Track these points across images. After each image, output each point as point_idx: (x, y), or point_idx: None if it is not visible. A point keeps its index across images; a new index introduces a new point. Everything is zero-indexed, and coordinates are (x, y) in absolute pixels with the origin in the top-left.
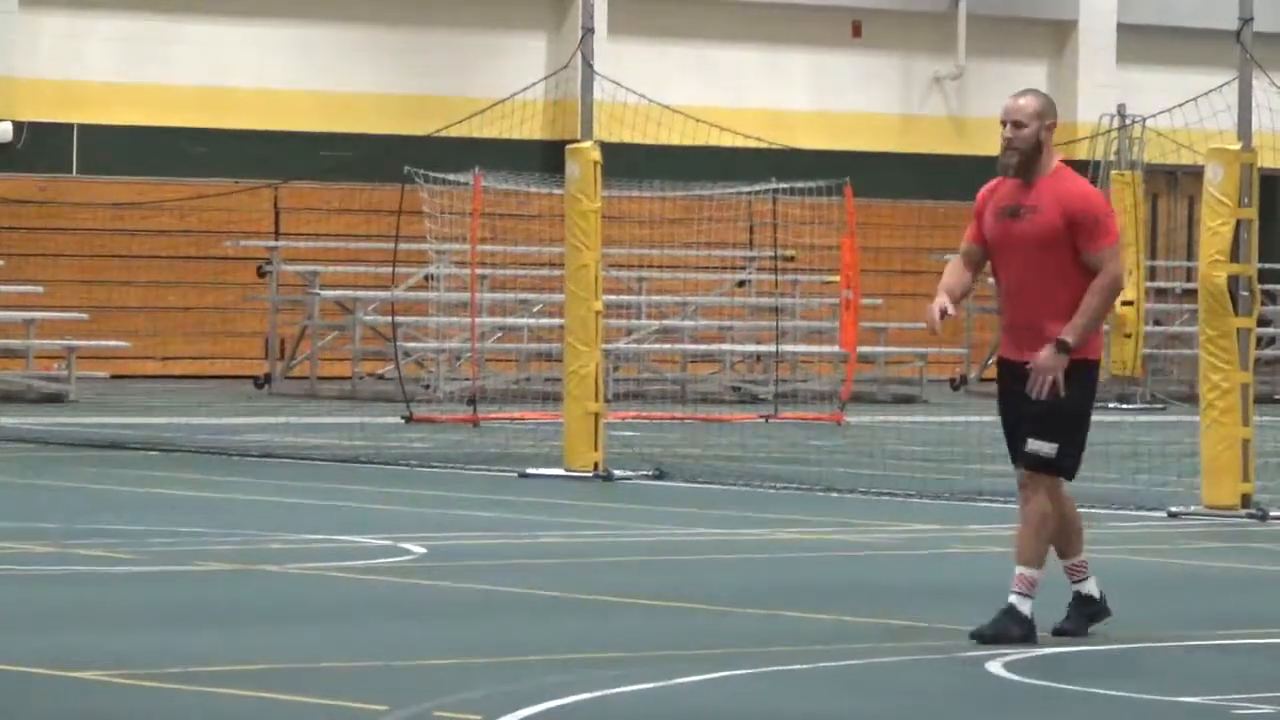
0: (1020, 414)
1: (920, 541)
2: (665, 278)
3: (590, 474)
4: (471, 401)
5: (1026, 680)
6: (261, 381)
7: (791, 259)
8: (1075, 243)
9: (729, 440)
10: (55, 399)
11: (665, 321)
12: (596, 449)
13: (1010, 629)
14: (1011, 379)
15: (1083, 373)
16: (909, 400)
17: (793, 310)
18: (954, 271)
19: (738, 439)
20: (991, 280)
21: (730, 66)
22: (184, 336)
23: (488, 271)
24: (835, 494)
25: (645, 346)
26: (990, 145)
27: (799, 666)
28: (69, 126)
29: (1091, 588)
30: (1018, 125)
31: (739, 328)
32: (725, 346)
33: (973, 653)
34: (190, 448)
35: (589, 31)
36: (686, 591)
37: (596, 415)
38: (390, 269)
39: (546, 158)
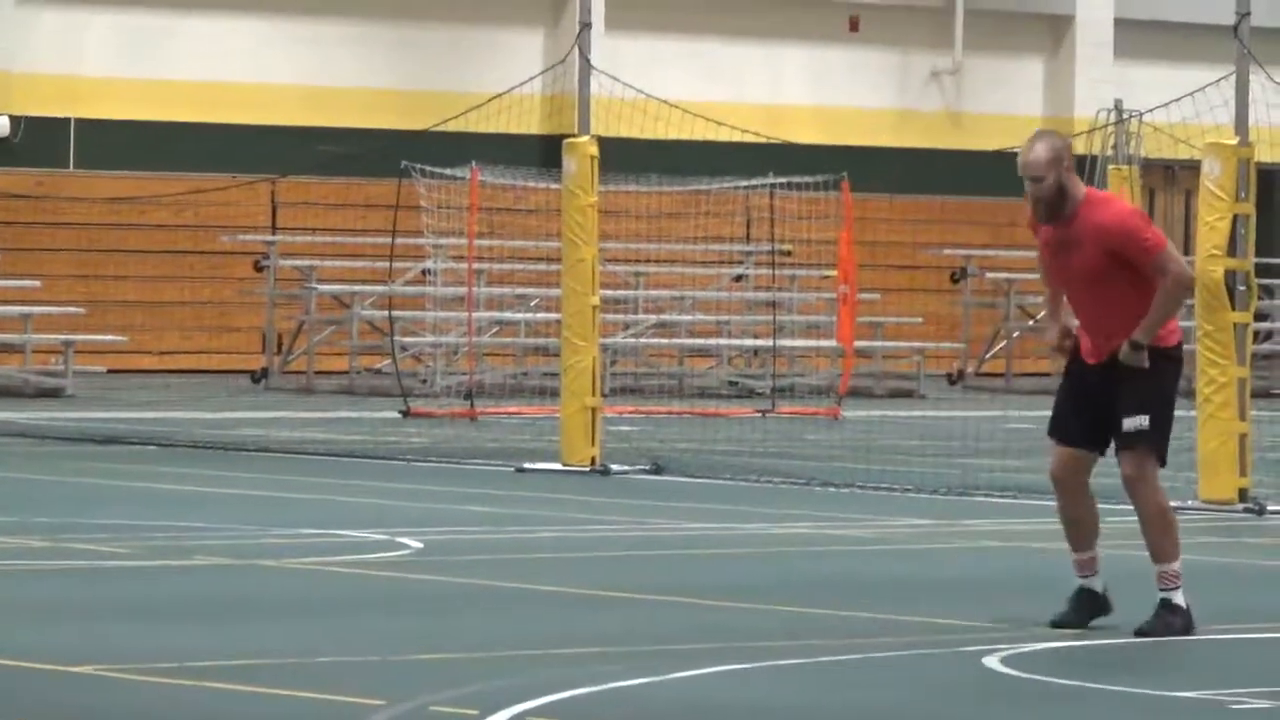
0: (1100, 404)
1: (916, 536)
2: (662, 272)
3: (587, 469)
4: (468, 396)
5: (1024, 675)
6: (258, 376)
7: (788, 254)
8: (1129, 263)
9: (726, 435)
10: (52, 393)
11: (662, 316)
12: (593, 444)
13: (1172, 622)
14: (1081, 379)
15: (1161, 360)
16: (906, 395)
17: (790, 305)
18: (1053, 312)
19: (735, 433)
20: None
21: (727, 61)
22: (181, 331)
23: (485, 266)
24: (832, 488)
25: (642, 341)
26: (987, 140)
27: (795, 661)
28: (66, 121)
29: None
30: (1036, 180)
31: (736, 322)
32: (722, 341)
33: (969, 647)
34: (187, 442)
35: (586, 26)
36: (683, 586)
37: (593, 410)
38: (387, 264)
39: (544, 152)
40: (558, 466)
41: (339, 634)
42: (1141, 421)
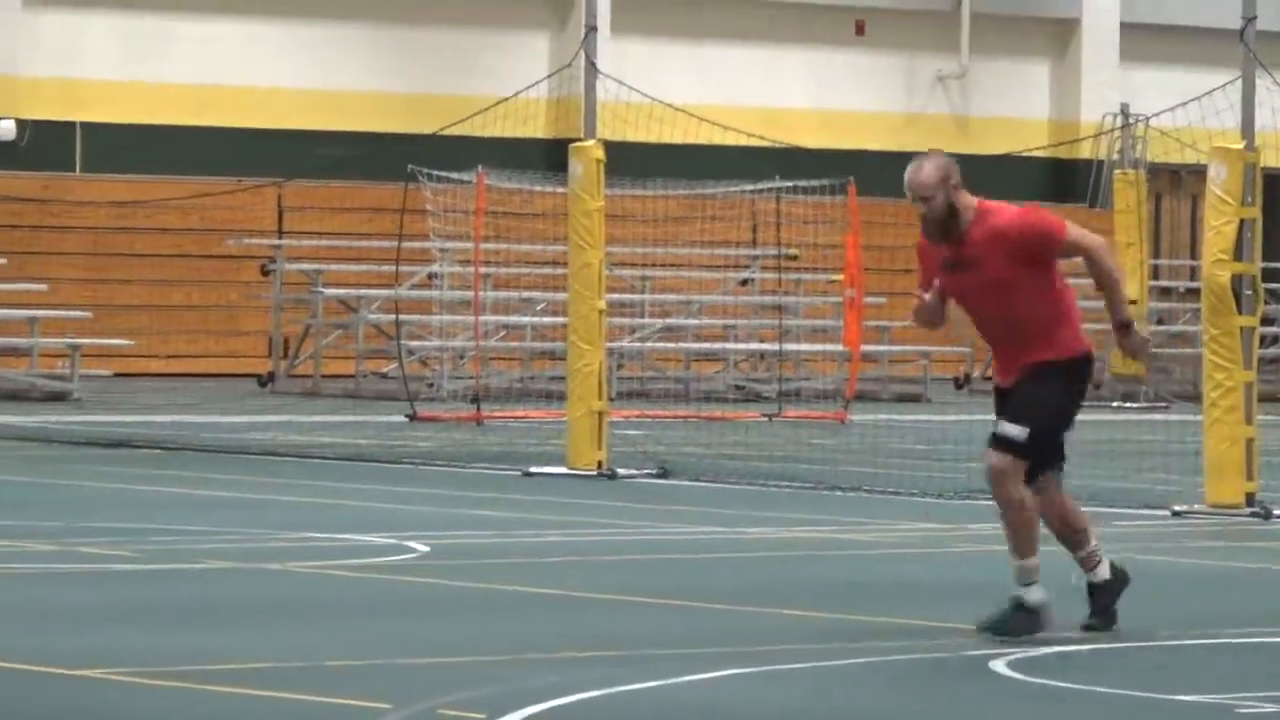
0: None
1: (923, 540)
2: (668, 276)
3: (594, 472)
4: (475, 400)
5: (1030, 679)
6: (265, 380)
7: (795, 257)
8: (1039, 260)
9: (732, 439)
10: (59, 397)
11: (669, 320)
12: (600, 447)
13: (1023, 621)
14: (1002, 399)
15: (1066, 369)
16: (913, 399)
17: (796, 309)
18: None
19: (741, 437)
20: None
21: (734, 65)
22: (187, 335)
23: (491, 270)
24: (838, 492)
25: (649, 345)
26: (993, 144)
27: (801, 665)
28: (72, 125)
29: (1104, 571)
30: (925, 200)
31: (742, 326)
32: (728, 345)
33: (975, 651)
34: (194, 446)
35: (592, 30)
36: (689, 590)
37: (600, 414)
38: (394, 267)
39: (550, 156)
40: (564, 470)
41: (346, 637)
42: (1020, 433)
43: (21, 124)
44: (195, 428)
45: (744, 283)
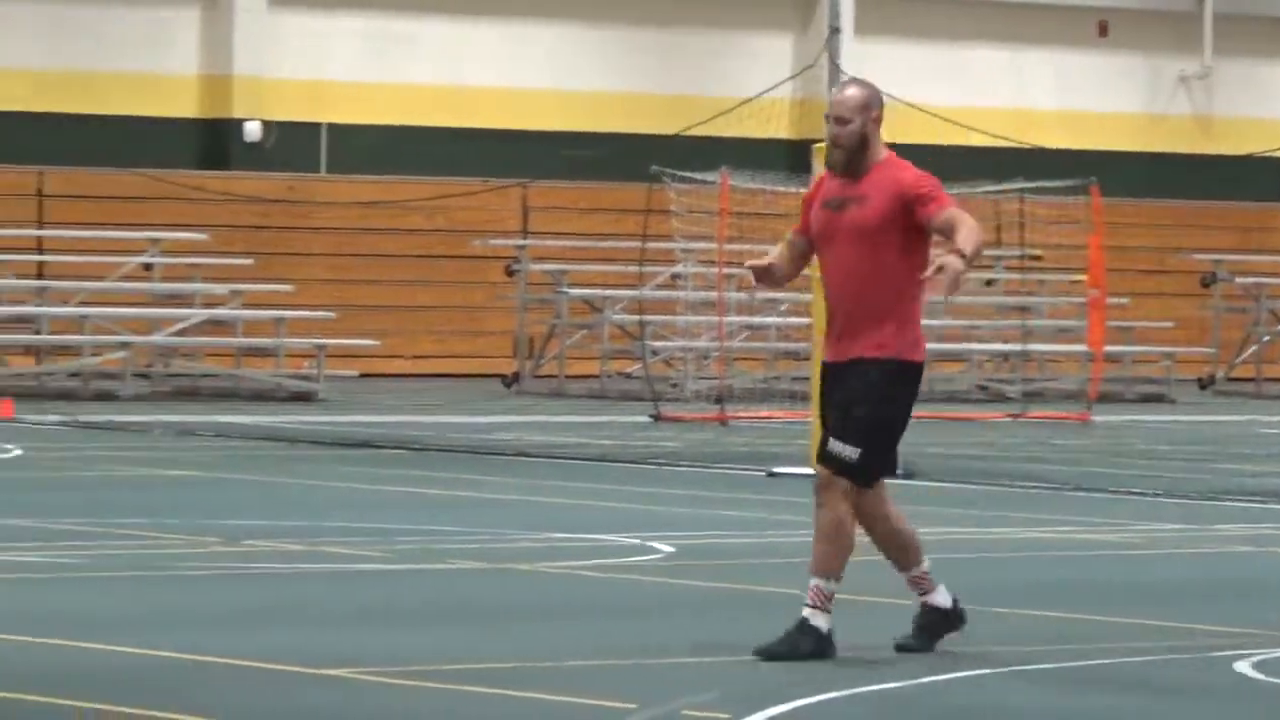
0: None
1: (1167, 541)
2: None
3: None
4: (719, 400)
5: (1276, 680)
6: (510, 380)
7: (1038, 258)
8: (913, 218)
9: (976, 439)
10: (304, 397)
11: None
12: None
13: (800, 643)
14: (828, 382)
15: (900, 376)
16: (1156, 399)
17: (1040, 309)
18: (779, 254)
19: (984, 438)
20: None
21: (976, 66)
22: (432, 335)
23: (735, 270)
24: (1081, 493)
25: None
26: (1236, 145)
27: (1041, 666)
28: (317, 126)
29: (941, 598)
30: (841, 121)
31: (985, 326)
32: (972, 345)
33: (1219, 652)
34: (439, 446)
35: (835, 31)
36: None
37: None
38: (637, 268)
39: (792, 157)
40: (808, 471)
41: (590, 638)
42: (850, 454)
43: (267, 125)
44: (440, 428)
45: (988, 283)
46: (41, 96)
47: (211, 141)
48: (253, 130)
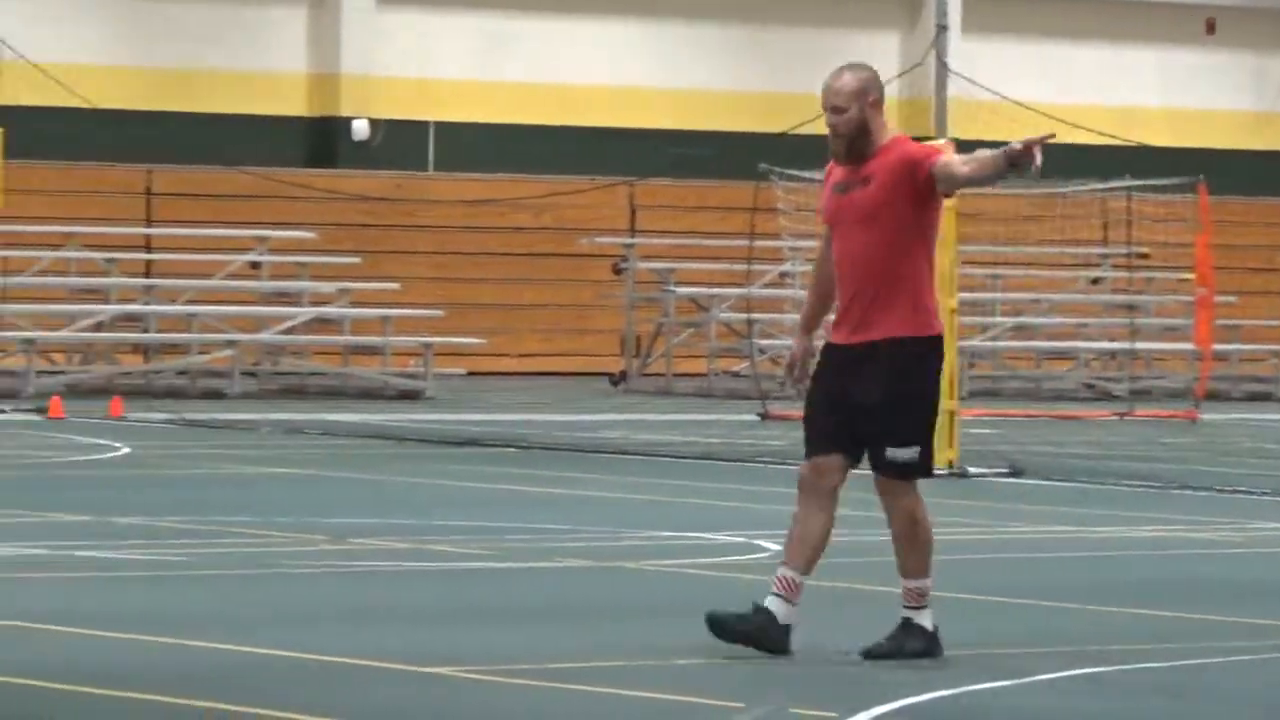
0: (855, 405)
1: (1273, 540)
2: (1019, 275)
3: (945, 471)
4: None
5: None
6: (617, 379)
7: (1146, 256)
8: (917, 183)
9: (1083, 437)
10: (412, 396)
11: (1020, 319)
12: (951, 446)
13: (905, 643)
14: (838, 363)
15: (926, 354)
16: (1264, 398)
17: (1147, 307)
18: (812, 290)
19: (1092, 436)
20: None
21: (1082, 63)
22: (539, 333)
23: None
24: (1189, 492)
25: (1000, 344)
26: None
27: (1149, 665)
28: (424, 124)
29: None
30: (838, 110)
31: (1093, 325)
32: (1079, 344)
33: None
34: (546, 445)
35: (943, 29)
36: (1038, 589)
37: (951, 413)
38: (745, 266)
39: None
40: None
41: (697, 636)
42: (911, 454)
43: (375, 123)
44: (547, 426)
45: (1095, 281)
46: (150, 95)
47: (319, 140)
48: (360, 128)
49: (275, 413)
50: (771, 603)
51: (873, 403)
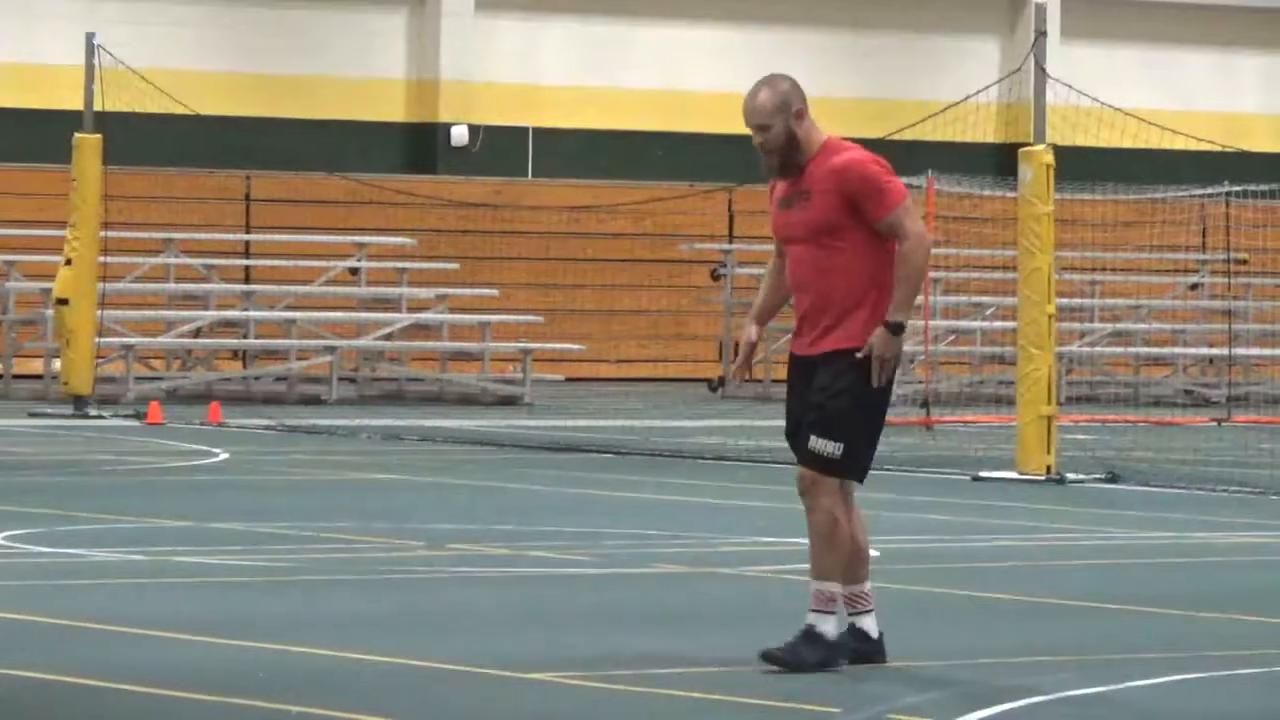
0: (803, 409)
1: None
2: (1118, 280)
3: (1042, 477)
4: (925, 404)
5: None
6: (715, 385)
7: (1245, 262)
8: (862, 216)
9: (1181, 443)
10: (510, 401)
11: (1118, 324)
12: (1049, 452)
13: (803, 652)
14: (797, 374)
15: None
16: None
17: (1246, 313)
18: (767, 282)
19: (1190, 442)
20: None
21: (1182, 69)
22: (638, 339)
23: (940, 274)
24: None
25: (1098, 350)
26: None
27: (1250, 670)
28: (524, 130)
29: (869, 624)
30: (763, 129)
31: (1191, 331)
32: (1178, 350)
33: None
34: (644, 451)
35: (1042, 34)
36: (1136, 595)
37: (1049, 418)
38: None
39: (999, 160)
40: (1013, 475)
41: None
42: (834, 449)
43: (474, 129)
44: (645, 432)
45: (1193, 287)
46: (248, 101)
47: (418, 146)
48: (459, 134)
49: (373, 419)
50: (865, 621)
51: (810, 401)
